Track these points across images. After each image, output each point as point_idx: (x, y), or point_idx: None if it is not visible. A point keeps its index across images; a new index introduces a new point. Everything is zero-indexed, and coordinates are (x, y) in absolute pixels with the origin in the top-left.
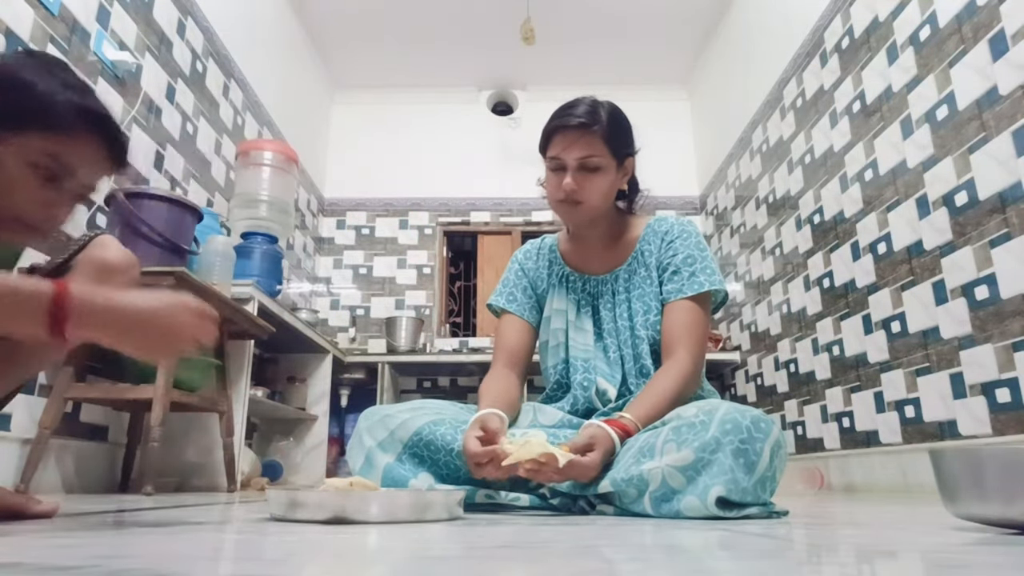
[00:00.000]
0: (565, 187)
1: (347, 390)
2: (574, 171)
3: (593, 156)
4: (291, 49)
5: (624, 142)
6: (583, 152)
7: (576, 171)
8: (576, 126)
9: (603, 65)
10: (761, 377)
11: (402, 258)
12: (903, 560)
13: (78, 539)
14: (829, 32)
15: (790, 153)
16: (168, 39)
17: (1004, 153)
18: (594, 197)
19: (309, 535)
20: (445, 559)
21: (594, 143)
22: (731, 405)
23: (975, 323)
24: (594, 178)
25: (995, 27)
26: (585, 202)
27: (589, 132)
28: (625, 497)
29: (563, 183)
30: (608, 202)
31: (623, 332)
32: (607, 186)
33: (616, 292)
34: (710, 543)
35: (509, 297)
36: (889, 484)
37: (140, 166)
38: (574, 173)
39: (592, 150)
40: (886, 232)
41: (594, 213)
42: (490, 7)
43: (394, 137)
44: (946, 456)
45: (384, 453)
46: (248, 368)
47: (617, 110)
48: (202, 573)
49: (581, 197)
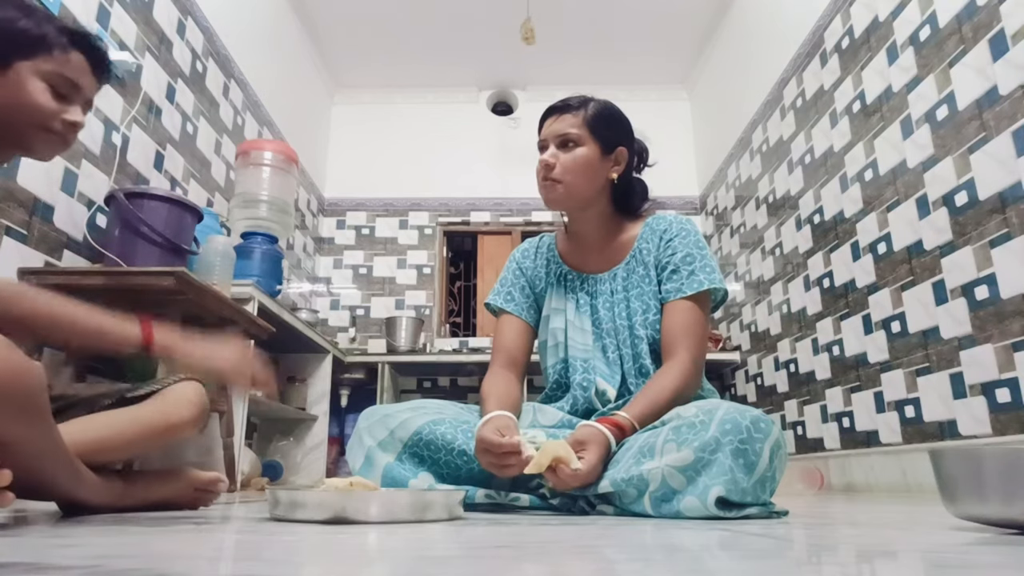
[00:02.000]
0: (542, 161)
1: (347, 390)
2: (554, 147)
3: (571, 132)
4: (291, 49)
5: (612, 130)
6: (562, 128)
7: (556, 147)
8: (560, 107)
9: (603, 65)
10: (761, 377)
11: (402, 258)
12: (903, 560)
13: (78, 539)
14: (829, 32)
15: (790, 153)
16: (168, 39)
17: (1004, 153)
18: (570, 175)
19: (309, 535)
20: (445, 559)
21: (575, 122)
22: (731, 405)
23: (975, 323)
24: (572, 154)
25: (995, 27)
26: (562, 180)
27: (572, 112)
28: (625, 497)
29: (541, 157)
30: (590, 186)
31: (622, 331)
32: (585, 163)
33: (615, 291)
34: (710, 543)
35: (507, 297)
36: (889, 484)
37: (140, 166)
38: (554, 150)
39: (571, 127)
40: (886, 232)
41: (573, 192)
42: (490, 7)
43: (394, 137)
44: (946, 456)
45: (384, 453)
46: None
47: (609, 103)
48: (202, 573)
49: (559, 175)
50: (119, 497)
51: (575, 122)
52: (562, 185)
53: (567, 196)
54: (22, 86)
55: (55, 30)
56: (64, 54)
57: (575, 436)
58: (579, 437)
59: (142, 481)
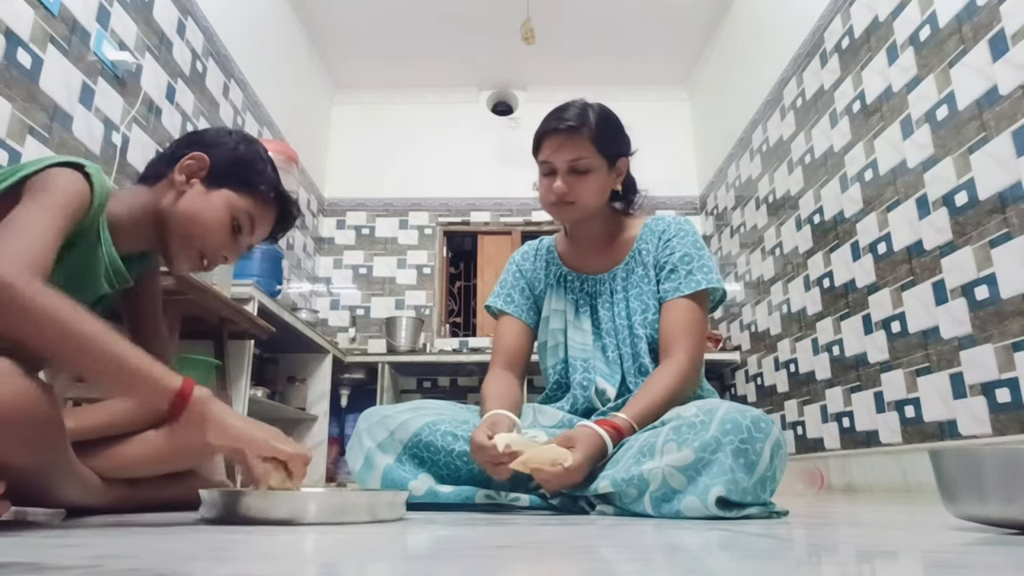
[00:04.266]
0: (556, 190)
1: (347, 390)
2: (564, 174)
3: (582, 158)
4: (291, 49)
5: (614, 143)
6: (572, 155)
7: (566, 174)
8: (564, 129)
9: (603, 65)
10: (761, 377)
11: (402, 258)
12: (903, 560)
13: (78, 539)
14: (829, 32)
15: (790, 153)
16: (168, 39)
17: (1004, 153)
18: (585, 197)
19: (309, 535)
20: (446, 558)
21: (583, 145)
22: (731, 405)
23: (975, 323)
24: (585, 180)
25: (995, 27)
26: (577, 202)
27: (578, 135)
28: (625, 497)
29: (554, 186)
30: (601, 201)
31: (621, 331)
32: (598, 187)
33: (614, 291)
34: (710, 543)
35: (507, 299)
36: (889, 484)
37: (140, 166)
38: (564, 176)
39: (581, 152)
40: (886, 232)
41: (587, 212)
42: (490, 7)
43: (394, 137)
44: (946, 456)
45: (384, 454)
46: (248, 368)
47: (607, 112)
48: (202, 573)
49: (573, 199)
50: (123, 499)
51: (583, 144)
52: (575, 207)
53: (579, 215)
54: (214, 208)
55: (270, 183)
56: (263, 205)
57: (567, 434)
58: (570, 435)
59: (148, 482)
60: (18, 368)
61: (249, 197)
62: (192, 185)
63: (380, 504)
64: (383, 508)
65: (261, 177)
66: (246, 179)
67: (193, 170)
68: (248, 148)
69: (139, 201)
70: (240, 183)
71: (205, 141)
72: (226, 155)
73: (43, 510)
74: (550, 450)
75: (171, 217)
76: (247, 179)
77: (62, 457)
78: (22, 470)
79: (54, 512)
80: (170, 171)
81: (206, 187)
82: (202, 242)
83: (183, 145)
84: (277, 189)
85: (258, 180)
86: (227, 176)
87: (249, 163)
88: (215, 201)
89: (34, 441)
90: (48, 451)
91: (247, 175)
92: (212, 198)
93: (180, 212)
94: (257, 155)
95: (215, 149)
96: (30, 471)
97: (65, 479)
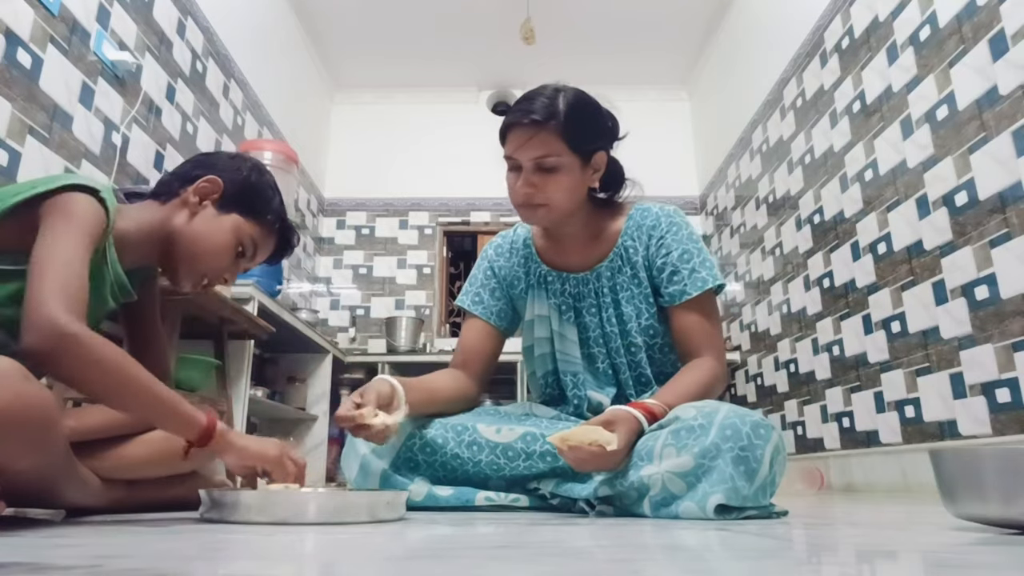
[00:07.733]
0: (519, 191)
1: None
2: (530, 172)
3: (549, 156)
4: (291, 49)
5: (589, 136)
6: (538, 152)
7: (532, 172)
8: (529, 124)
9: (603, 65)
10: (761, 377)
11: (402, 258)
12: (903, 560)
13: (78, 539)
14: (829, 32)
15: (790, 153)
16: (168, 39)
17: (1004, 153)
18: (555, 199)
19: (308, 535)
20: (446, 558)
21: (550, 141)
22: (730, 408)
23: (975, 323)
24: (554, 178)
25: (995, 27)
26: (546, 204)
27: (544, 129)
28: (625, 499)
29: (516, 186)
30: (574, 202)
31: (612, 340)
32: (568, 186)
33: (600, 293)
34: (710, 543)
35: (475, 298)
36: (889, 484)
37: (140, 166)
38: (530, 175)
39: (548, 149)
40: (886, 232)
41: (559, 215)
42: (490, 7)
43: (394, 137)
44: (946, 456)
45: (379, 460)
46: (248, 368)
47: (582, 99)
48: (202, 573)
49: (542, 199)
50: (123, 500)
51: (550, 140)
52: (544, 208)
53: (550, 217)
54: (223, 232)
55: (275, 212)
56: (267, 232)
57: (604, 416)
58: (609, 417)
59: (148, 482)
60: (19, 371)
61: (256, 224)
62: (204, 207)
63: (380, 504)
64: (383, 508)
65: (269, 206)
66: (255, 207)
67: (207, 192)
68: (259, 178)
69: (149, 217)
70: (249, 210)
71: (219, 165)
72: (239, 182)
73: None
74: (593, 431)
75: (181, 236)
76: (256, 207)
77: (62, 459)
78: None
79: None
80: (183, 190)
81: (217, 210)
82: (206, 263)
83: (195, 166)
84: (283, 219)
85: (266, 209)
86: (238, 202)
87: (259, 191)
88: (224, 224)
89: (34, 444)
90: (48, 454)
91: (256, 203)
92: (222, 221)
93: (191, 232)
94: (267, 184)
95: (228, 174)
96: (30, 473)
97: (65, 480)
